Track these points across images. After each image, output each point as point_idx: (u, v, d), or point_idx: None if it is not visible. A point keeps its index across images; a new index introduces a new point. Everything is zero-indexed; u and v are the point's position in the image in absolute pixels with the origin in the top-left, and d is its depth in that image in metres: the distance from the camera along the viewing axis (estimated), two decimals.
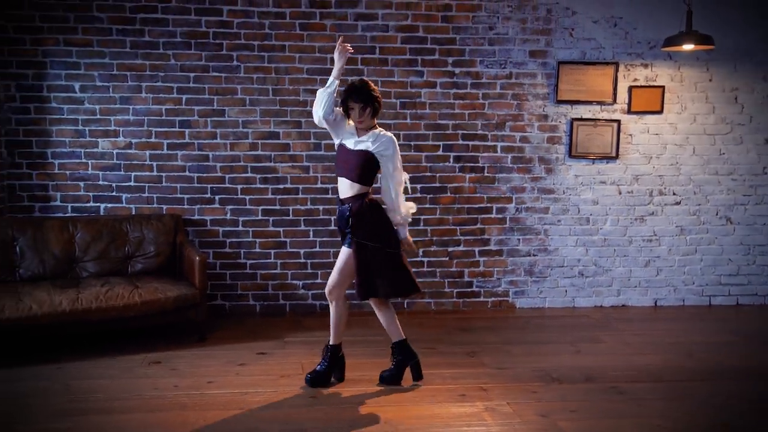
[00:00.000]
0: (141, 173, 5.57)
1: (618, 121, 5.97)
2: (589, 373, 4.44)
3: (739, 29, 6.00)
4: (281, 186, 5.71)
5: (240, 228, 5.69)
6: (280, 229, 5.74)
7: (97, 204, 5.56)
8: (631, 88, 5.97)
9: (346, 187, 4.02)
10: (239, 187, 5.67)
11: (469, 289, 5.99)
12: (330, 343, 4.18)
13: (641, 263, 6.16)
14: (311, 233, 5.77)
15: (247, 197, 5.68)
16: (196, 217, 5.65)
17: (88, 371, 4.35)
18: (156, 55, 5.51)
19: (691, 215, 6.18)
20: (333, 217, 5.66)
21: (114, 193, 5.57)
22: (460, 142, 5.87)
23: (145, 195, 5.59)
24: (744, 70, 6.08)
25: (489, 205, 5.95)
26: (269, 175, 5.69)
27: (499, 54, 5.85)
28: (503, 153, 5.93)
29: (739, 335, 5.34)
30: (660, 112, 6.04)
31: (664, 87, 6.01)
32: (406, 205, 4.09)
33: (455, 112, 5.84)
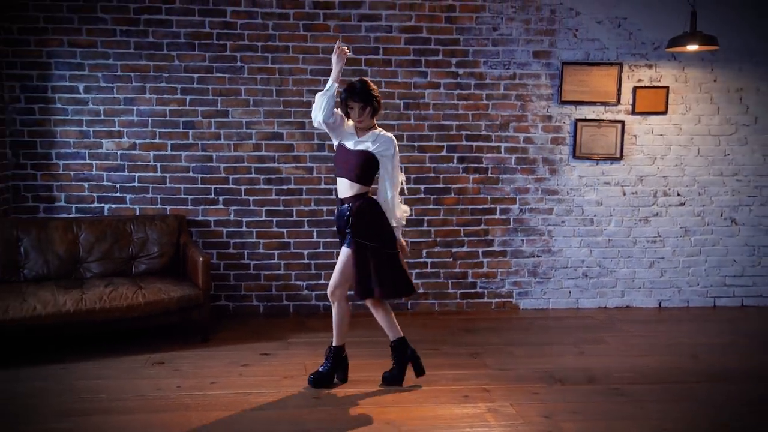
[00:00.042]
0: (145, 174, 5.59)
1: (622, 121, 5.96)
2: (593, 374, 4.43)
3: (743, 30, 5.98)
4: (285, 187, 5.71)
5: (244, 229, 5.70)
6: (284, 230, 5.74)
7: (101, 204, 5.57)
8: (635, 89, 5.95)
9: (345, 187, 4.03)
10: (243, 187, 5.68)
11: (472, 290, 5.98)
12: (333, 344, 4.18)
13: (645, 264, 6.14)
14: (315, 234, 5.77)
15: (250, 198, 5.69)
16: (199, 217, 5.66)
17: (92, 371, 4.36)
18: (160, 56, 5.52)
19: (696, 216, 6.16)
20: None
21: (118, 193, 5.58)
22: (464, 142, 5.86)
23: (149, 195, 5.60)
24: (749, 71, 6.05)
25: (493, 205, 5.94)
26: (273, 176, 5.70)
27: (503, 55, 5.84)
28: (507, 154, 5.92)
29: (744, 337, 5.32)
30: (664, 112, 6.02)
31: (668, 88, 5.99)
32: (401, 207, 4.11)
33: (459, 113, 5.83)
